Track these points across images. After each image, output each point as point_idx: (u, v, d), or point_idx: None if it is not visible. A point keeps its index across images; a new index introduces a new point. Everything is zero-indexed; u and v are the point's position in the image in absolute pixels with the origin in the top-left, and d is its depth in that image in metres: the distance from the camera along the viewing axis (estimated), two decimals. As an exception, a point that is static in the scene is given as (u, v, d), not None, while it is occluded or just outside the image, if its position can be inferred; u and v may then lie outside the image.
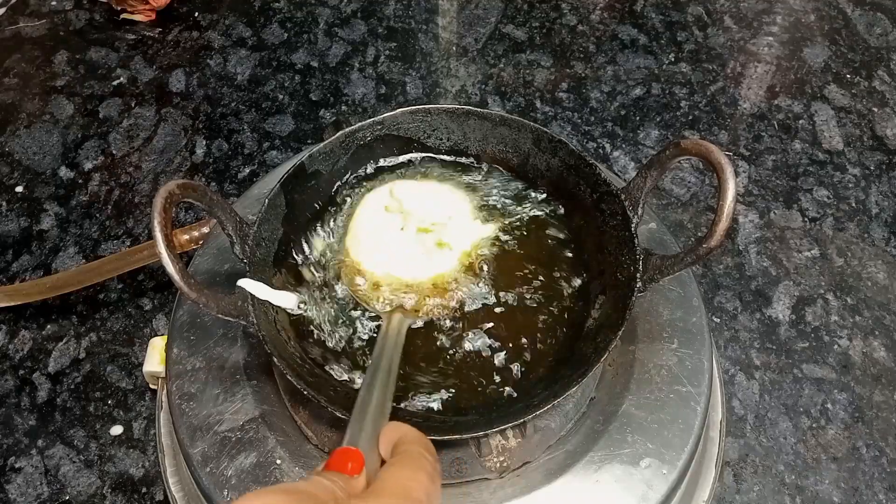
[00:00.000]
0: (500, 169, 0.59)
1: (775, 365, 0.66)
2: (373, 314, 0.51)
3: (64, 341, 0.67)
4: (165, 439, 0.57)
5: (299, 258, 0.54)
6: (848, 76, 0.89)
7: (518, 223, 0.56)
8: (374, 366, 0.42)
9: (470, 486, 0.47)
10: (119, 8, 0.94)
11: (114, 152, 0.82)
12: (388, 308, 0.50)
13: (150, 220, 0.45)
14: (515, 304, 0.52)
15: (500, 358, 0.49)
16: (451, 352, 0.50)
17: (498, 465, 0.46)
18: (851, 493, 0.59)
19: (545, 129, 0.55)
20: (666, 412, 0.48)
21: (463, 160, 0.59)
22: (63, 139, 0.83)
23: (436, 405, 0.47)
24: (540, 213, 0.56)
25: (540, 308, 0.52)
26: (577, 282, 0.53)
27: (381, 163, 0.59)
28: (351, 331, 0.51)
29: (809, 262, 0.72)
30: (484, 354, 0.50)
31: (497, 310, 0.52)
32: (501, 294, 0.53)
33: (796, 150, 0.81)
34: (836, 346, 0.67)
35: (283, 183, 0.52)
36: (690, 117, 0.85)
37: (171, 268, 0.40)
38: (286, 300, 0.49)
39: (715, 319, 0.68)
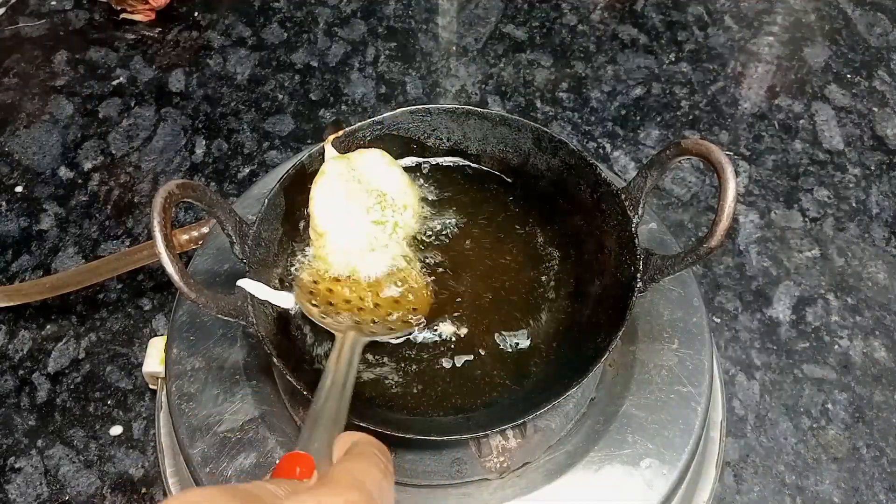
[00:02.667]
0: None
1: (776, 365, 0.66)
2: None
3: (63, 341, 0.67)
4: (165, 440, 0.57)
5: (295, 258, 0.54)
6: (848, 76, 0.88)
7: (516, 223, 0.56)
8: (326, 378, 0.40)
9: (470, 486, 0.47)
10: (119, 8, 0.94)
11: (113, 152, 0.82)
12: (340, 324, 0.48)
13: (149, 220, 0.45)
14: (515, 304, 0.52)
15: (499, 358, 0.49)
16: (448, 352, 0.50)
17: (498, 465, 0.46)
18: (852, 494, 0.59)
19: (545, 129, 0.55)
20: (666, 412, 0.48)
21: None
22: (63, 139, 0.83)
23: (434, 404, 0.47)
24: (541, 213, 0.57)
25: (540, 308, 0.52)
26: (577, 282, 0.53)
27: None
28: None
29: (810, 262, 0.72)
30: (483, 354, 0.50)
31: (495, 309, 0.52)
32: (500, 294, 0.53)
33: (797, 150, 0.81)
34: (836, 347, 0.67)
35: (283, 183, 0.52)
36: (691, 117, 0.85)
37: (170, 268, 0.40)
38: (285, 300, 0.49)
39: (715, 320, 0.68)
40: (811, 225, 0.75)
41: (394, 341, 0.50)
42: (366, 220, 0.53)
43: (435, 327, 0.50)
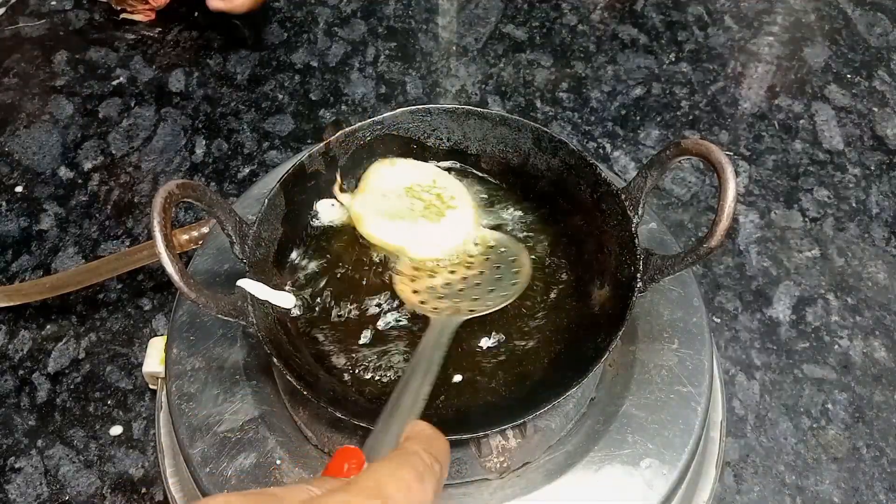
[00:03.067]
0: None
1: (776, 365, 0.66)
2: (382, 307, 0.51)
3: (63, 341, 0.67)
4: (165, 440, 0.57)
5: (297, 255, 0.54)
6: (848, 76, 0.88)
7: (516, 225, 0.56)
8: (413, 364, 0.42)
9: (470, 486, 0.47)
10: (119, 8, 0.94)
11: (113, 152, 0.82)
12: (438, 309, 0.50)
13: (149, 220, 0.46)
14: (515, 304, 0.52)
15: (499, 358, 0.49)
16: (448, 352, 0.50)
17: (498, 465, 0.46)
18: (852, 494, 0.59)
19: (545, 129, 0.55)
20: (666, 412, 0.48)
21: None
22: (63, 139, 0.83)
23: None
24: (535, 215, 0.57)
25: (539, 308, 0.52)
26: (577, 282, 0.53)
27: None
28: (350, 329, 0.51)
29: (810, 262, 0.72)
30: (483, 354, 0.50)
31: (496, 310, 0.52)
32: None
33: (797, 150, 0.81)
34: (836, 347, 0.67)
35: (283, 183, 0.52)
36: (691, 117, 0.85)
37: (170, 268, 0.40)
38: (285, 300, 0.49)
39: (715, 319, 0.68)
40: (811, 225, 0.75)
41: (494, 309, 0.50)
42: (418, 216, 0.55)
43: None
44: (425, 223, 0.55)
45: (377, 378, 0.49)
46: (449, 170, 0.59)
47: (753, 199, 0.77)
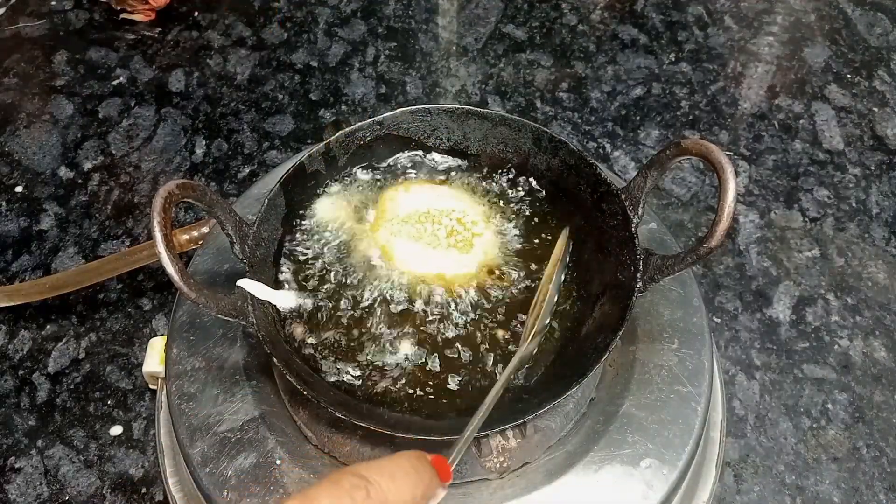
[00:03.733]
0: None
1: (776, 365, 0.66)
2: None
3: (63, 341, 0.67)
4: (165, 440, 0.57)
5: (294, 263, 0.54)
6: (848, 76, 0.88)
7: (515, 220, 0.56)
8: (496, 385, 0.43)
9: (470, 486, 0.47)
10: (119, 8, 0.94)
11: (113, 152, 0.82)
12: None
13: (149, 220, 0.46)
14: (515, 304, 0.52)
15: (500, 358, 0.49)
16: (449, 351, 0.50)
17: (498, 465, 0.46)
18: (852, 494, 0.59)
19: (545, 129, 0.55)
20: (666, 412, 0.48)
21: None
22: (63, 139, 0.83)
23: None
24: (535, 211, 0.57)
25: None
26: (578, 282, 0.53)
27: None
28: (350, 330, 0.51)
29: (810, 262, 0.72)
30: (484, 354, 0.50)
31: (496, 309, 0.52)
32: (501, 294, 0.53)
33: (797, 150, 0.81)
34: (836, 347, 0.67)
35: (283, 183, 0.52)
36: (691, 117, 0.85)
37: (170, 268, 0.40)
38: (286, 300, 0.49)
39: (715, 320, 0.68)
40: (811, 225, 0.75)
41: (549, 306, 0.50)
42: (447, 245, 0.54)
43: (435, 328, 0.51)
44: (457, 253, 0.54)
45: (377, 379, 0.49)
46: (450, 169, 0.59)
47: (753, 199, 0.77)
